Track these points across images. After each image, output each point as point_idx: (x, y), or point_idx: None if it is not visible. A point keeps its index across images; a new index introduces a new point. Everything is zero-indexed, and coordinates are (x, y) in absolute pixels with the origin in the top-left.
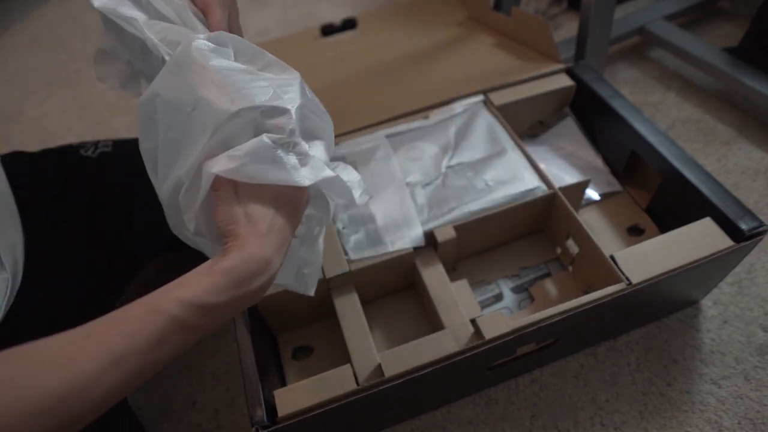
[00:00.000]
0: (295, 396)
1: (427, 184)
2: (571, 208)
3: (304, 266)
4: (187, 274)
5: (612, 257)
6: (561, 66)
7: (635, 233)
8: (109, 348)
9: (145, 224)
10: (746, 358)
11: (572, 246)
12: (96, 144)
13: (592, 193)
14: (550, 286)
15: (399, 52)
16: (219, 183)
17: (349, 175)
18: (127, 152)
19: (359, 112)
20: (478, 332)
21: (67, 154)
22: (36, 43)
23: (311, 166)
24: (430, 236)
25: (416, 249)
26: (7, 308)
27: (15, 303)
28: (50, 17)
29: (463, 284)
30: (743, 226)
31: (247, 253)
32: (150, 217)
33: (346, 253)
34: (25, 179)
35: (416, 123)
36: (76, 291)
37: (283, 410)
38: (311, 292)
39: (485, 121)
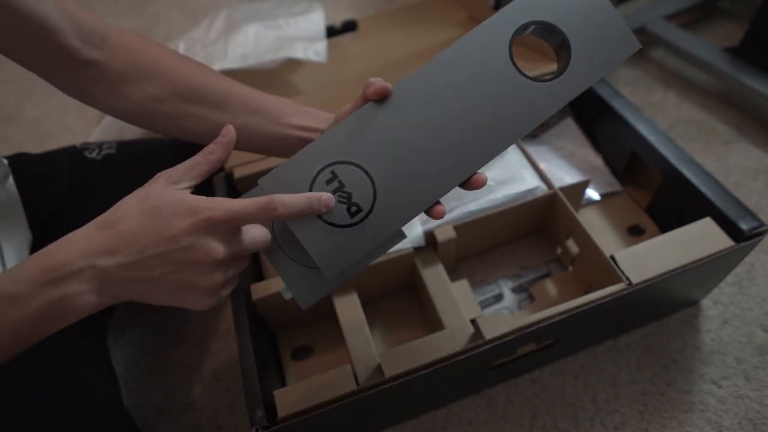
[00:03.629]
0: (295, 396)
1: None
2: (572, 208)
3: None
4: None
5: (612, 257)
6: None
7: (635, 233)
8: None
9: None
10: (746, 358)
11: (572, 246)
12: (100, 146)
13: (592, 193)
14: (550, 286)
15: (399, 53)
16: None
17: None
18: (131, 153)
19: None
20: (478, 332)
21: (72, 156)
22: None
23: None
24: (430, 236)
25: (416, 249)
26: None
27: None
28: None
29: (463, 284)
30: (743, 226)
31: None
32: None
33: None
34: (31, 181)
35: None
36: None
37: (282, 411)
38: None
39: None
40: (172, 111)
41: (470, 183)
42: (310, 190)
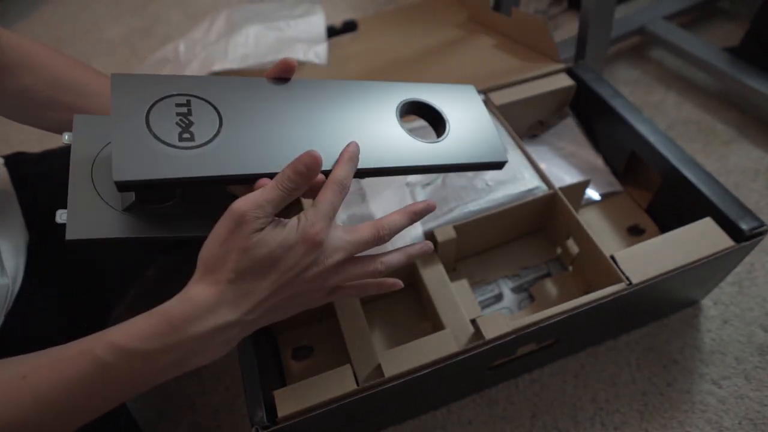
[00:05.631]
0: (295, 396)
1: (427, 184)
2: (572, 208)
3: None
4: (137, 317)
5: (612, 257)
6: (561, 66)
7: (635, 233)
8: (38, 390)
9: None
10: (747, 358)
11: (572, 246)
12: None
13: (592, 193)
14: (550, 286)
15: (399, 53)
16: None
17: None
18: None
19: None
20: (478, 332)
21: (70, 156)
22: None
23: None
24: (430, 236)
25: None
26: (6, 314)
27: (13, 307)
28: (49, 17)
29: (463, 284)
30: (744, 226)
31: (187, 294)
32: None
33: None
34: (29, 180)
35: (416, 123)
36: (74, 295)
37: (283, 410)
38: None
39: None
40: (46, 102)
41: None
42: (153, 104)
